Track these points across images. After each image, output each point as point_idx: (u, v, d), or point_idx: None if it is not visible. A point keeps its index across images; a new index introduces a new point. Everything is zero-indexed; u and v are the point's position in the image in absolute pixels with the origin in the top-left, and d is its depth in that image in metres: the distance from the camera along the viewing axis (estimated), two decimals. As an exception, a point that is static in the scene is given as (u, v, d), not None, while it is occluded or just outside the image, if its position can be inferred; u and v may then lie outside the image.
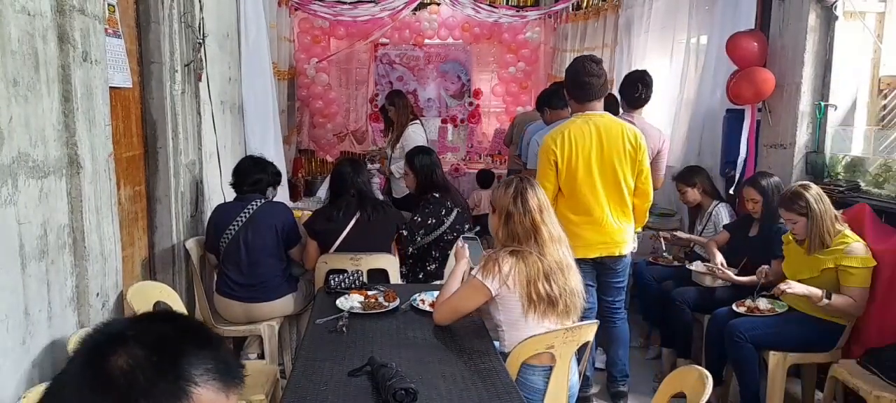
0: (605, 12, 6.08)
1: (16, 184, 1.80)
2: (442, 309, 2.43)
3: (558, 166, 3.05)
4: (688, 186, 3.93)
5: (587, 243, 3.09)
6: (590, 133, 3.05)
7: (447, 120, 7.81)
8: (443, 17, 7.31)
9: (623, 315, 3.36)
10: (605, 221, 3.09)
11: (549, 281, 2.27)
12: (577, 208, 3.08)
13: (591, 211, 3.08)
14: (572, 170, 3.05)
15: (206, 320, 3.28)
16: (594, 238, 3.10)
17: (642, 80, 3.80)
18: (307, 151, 7.46)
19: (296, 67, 7.01)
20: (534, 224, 2.32)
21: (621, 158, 3.07)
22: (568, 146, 3.04)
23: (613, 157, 3.06)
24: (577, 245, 2.99)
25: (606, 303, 3.30)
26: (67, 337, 2.01)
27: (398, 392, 1.81)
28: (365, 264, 3.27)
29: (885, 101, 3.55)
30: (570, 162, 3.04)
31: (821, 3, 3.48)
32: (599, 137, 3.05)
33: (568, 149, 3.04)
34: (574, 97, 3.16)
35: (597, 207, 3.08)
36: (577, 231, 3.03)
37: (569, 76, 3.17)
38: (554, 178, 3.08)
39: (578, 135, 3.05)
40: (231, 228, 3.17)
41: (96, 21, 2.26)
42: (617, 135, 3.07)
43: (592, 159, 3.04)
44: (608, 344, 3.40)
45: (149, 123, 3.07)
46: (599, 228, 3.09)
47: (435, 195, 3.80)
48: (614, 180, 3.08)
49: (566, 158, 3.04)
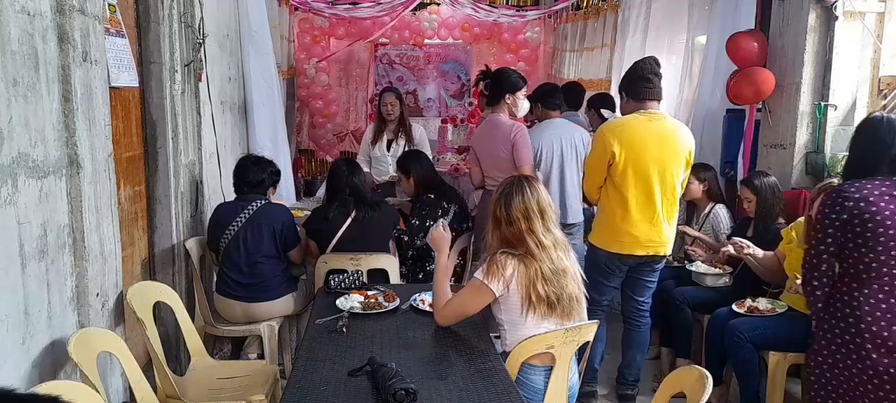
0: (605, 12, 6.08)
1: (16, 184, 1.80)
2: (445, 311, 2.41)
3: (615, 158, 2.99)
4: (696, 179, 3.82)
5: (636, 240, 3.07)
6: (652, 133, 3.01)
7: (447, 120, 7.80)
8: (443, 17, 7.30)
9: (648, 319, 3.34)
10: (656, 220, 3.05)
11: (549, 283, 2.27)
12: (630, 204, 3.03)
13: (646, 209, 3.03)
14: (631, 166, 2.99)
15: (206, 320, 3.28)
16: (645, 236, 3.06)
17: (490, 75, 3.80)
18: (307, 151, 7.46)
19: (296, 67, 7.01)
20: (519, 232, 2.29)
21: (677, 160, 3.04)
22: (627, 141, 2.99)
23: (669, 158, 3.02)
24: (625, 241, 3.07)
25: (636, 303, 3.29)
26: (67, 337, 2.01)
27: (398, 392, 1.81)
28: (365, 264, 3.27)
29: (885, 101, 3.55)
30: (627, 157, 2.98)
31: (821, 3, 3.48)
32: (659, 136, 3.02)
33: (627, 144, 2.99)
34: (632, 95, 3.10)
35: (651, 206, 3.03)
36: (629, 228, 3.04)
37: (629, 75, 3.14)
38: (605, 169, 3.05)
39: (640, 132, 3.01)
40: (231, 228, 3.17)
41: (96, 21, 2.26)
42: (674, 137, 3.05)
43: (651, 159, 2.99)
44: (627, 347, 3.36)
45: (149, 123, 3.08)
46: (652, 227, 3.06)
47: (430, 195, 3.80)
48: (670, 181, 3.04)
49: (623, 153, 2.98)
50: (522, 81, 3.68)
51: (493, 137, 3.60)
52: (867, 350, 2.13)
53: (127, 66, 2.67)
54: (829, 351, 2.27)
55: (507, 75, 3.73)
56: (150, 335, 2.46)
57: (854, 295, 2.18)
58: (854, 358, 2.18)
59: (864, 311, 2.14)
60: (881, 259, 2.13)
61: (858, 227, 2.14)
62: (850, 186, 2.18)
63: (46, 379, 1.92)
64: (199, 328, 3.17)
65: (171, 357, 3.09)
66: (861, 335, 2.14)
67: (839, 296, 2.23)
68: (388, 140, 4.79)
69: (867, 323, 2.13)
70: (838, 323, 2.22)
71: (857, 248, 2.17)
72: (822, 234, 2.23)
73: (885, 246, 2.12)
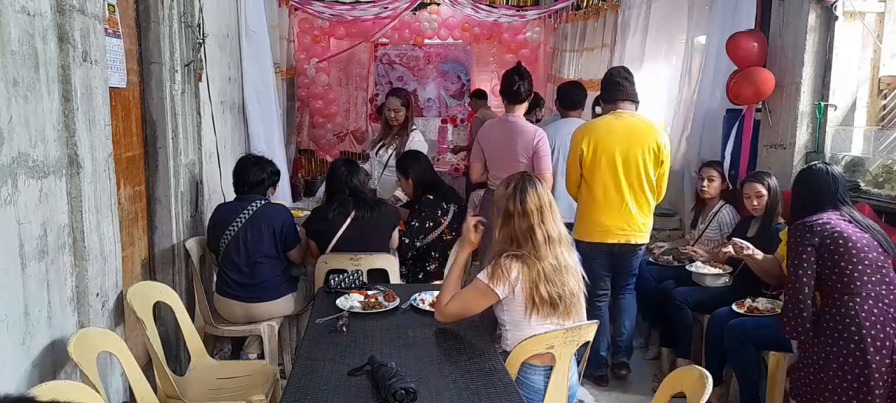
0: (605, 12, 6.08)
1: (16, 184, 1.80)
2: (447, 309, 2.39)
3: (583, 155, 3.36)
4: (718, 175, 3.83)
5: (607, 229, 3.39)
6: (617, 128, 3.35)
7: (447, 120, 7.81)
8: (443, 17, 7.31)
9: (632, 290, 3.61)
10: (624, 209, 3.36)
11: (550, 283, 2.27)
12: (598, 195, 3.37)
13: (612, 198, 3.35)
14: (596, 160, 3.34)
15: (206, 320, 3.28)
16: (614, 224, 3.38)
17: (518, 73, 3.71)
18: (307, 151, 7.47)
19: (296, 67, 7.01)
20: (530, 226, 2.29)
21: (646, 154, 3.34)
22: (594, 138, 3.36)
23: (638, 152, 3.33)
24: (596, 230, 3.42)
25: (617, 287, 3.60)
26: (67, 337, 2.01)
27: (398, 391, 1.81)
28: (365, 264, 3.27)
29: (885, 101, 3.54)
30: (595, 152, 3.34)
31: (821, 3, 3.48)
32: (625, 131, 3.35)
33: (594, 141, 3.35)
34: (606, 99, 3.50)
35: (618, 195, 3.35)
36: (598, 217, 3.39)
37: (602, 83, 3.56)
38: (579, 168, 3.41)
39: (606, 130, 3.37)
40: (231, 228, 3.17)
41: (96, 21, 2.26)
42: (645, 133, 3.36)
43: (617, 151, 3.32)
44: (616, 315, 3.63)
45: (149, 123, 3.08)
46: (620, 216, 3.37)
47: (429, 196, 3.80)
48: (637, 173, 3.35)
49: (591, 149, 3.34)
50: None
51: (512, 140, 3.63)
52: (870, 353, 2.31)
53: (118, 67, 2.67)
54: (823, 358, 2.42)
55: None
56: (150, 335, 2.46)
57: (849, 305, 2.38)
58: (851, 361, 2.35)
59: (862, 318, 2.35)
60: (859, 270, 2.37)
61: (832, 246, 2.41)
62: (809, 219, 2.50)
63: (46, 379, 1.92)
64: (199, 328, 3.17)
65: (171, 357, 3.09)
66: (864, 340, 2.33)
67: (834, 311, 2.42)
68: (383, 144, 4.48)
69: (867, 328, 2.33)
70: (842, 333, 2.38)
71: (836, 264, 2.40)
72: (798, 260, 2.46)
73: (861, 261, 2.38)
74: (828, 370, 2.40)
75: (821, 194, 2.57)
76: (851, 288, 2.38)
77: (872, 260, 2.39)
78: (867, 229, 2.48)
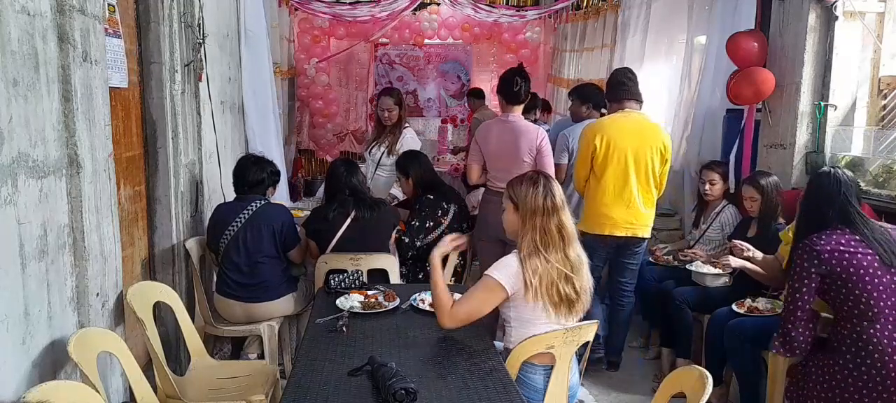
0: (605, 12, 6.08)
1: (16, 184, 1.80)
2: (456, 313, 2.31)
3: (596, 151, 3.48)
4: (720, 177, 3.85)
5: (614, 222, 3.51)
6: (627, 126, 3.50)
7: (447, 120, 7.81)
8: (443, 17, 7.31)
9: (631, 297, 3.71)
10: (632, 203, 3.49)
11: (569, 281, 2.26)
12: (609, 190, 3.49)
13: (622, 193, 3.48)
14: (609, 157, 3.47)
15: (206, 320, 3.28)
16: (622, 218, 3.50)
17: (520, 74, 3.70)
18: (307, 151, 7.47)
19: (296, 67, 7.01)
20: (560, 222, 2.28)
21: (653, 152, 3.49)
22: (606, 136, 3.48)
23: (647, 149, 3.47)
24: (605, 223, 3.53)
25: (620, 284, 3.69)
26: (67, 337, 2.00)
27: (398, 391, 1.81)
28: (365, 264, 3.27)
29: (885, 101, 3.55)
30: (607, 148, 3.47)
31: (821, 3, 3.48)
32: (634, 129, 3.50)
33: (607, 138, 3.48)
34: (612, 98, 3.63)
35: (627, 190, 3.48)
36: (606, 211, 3.50)
37: (608, 84, 3.70)
38: (589, 164, 3.54)
39: (617, 128, 3.50)
40: (231, 228, 3.17)
41: (96, 21, 2.26)
42: (652, 132, 3.52)
43: (628, 148, 3.46)
44: (612, 324, 3.73)
45: (149, 123, 3.08)
46: (628, 210, 3.49)
47: (429, 196, 3.80)
48: (645, 169, 3.49)
49: (604, 146, 3.47)
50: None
51: (513, 141, 3.61)
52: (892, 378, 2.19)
53: (119, 67, 2.67)
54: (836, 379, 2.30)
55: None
56: (150, 335, 2.46)
57: (869, 331, 2.25)
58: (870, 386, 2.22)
59: (885, 344, 2.22)
60: (874, 296, 2.25)
61: (843, 274, 2.28)
62: (818, 240, 2.33)
63: (46, 379, 1.92)
64: (199, 328, 3.17)
65: (171, 357, 3.09)
66: (886, 366, 2.20)
67: (853, 334, 2.28)
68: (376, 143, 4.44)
69: (889, 354, 2.20)
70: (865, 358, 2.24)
71: (851, 292, 2.27)
72: (798, 283, 2.35)
73: (875, 287, 2.25)
74: (844, 392, 2.28)
75: (826, 205, 2.39)
76: (869, 314, 2.25)
77: (887, 283, 2.26)
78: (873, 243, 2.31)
